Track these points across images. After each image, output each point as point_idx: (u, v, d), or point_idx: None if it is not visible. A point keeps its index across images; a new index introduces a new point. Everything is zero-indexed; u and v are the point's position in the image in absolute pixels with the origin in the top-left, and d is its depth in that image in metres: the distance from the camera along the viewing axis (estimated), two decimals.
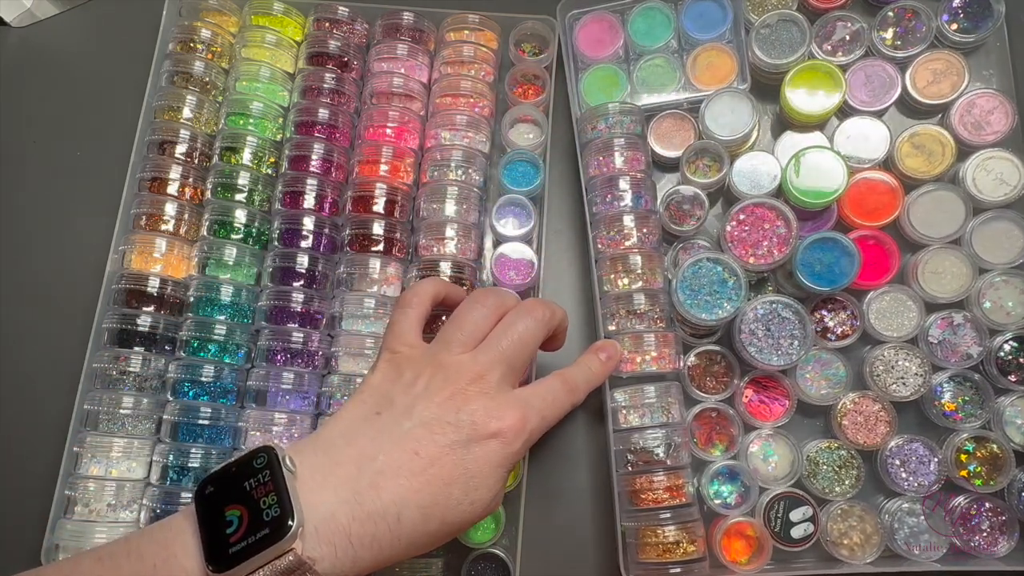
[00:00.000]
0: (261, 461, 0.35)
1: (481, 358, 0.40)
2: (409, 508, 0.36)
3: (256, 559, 0.32)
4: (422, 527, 0.36)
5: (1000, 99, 0.55)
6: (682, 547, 0.50)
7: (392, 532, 0.35)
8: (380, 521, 0.35)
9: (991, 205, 0.53)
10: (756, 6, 0.59)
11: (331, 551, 0.34)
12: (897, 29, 0.57)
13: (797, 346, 0.51)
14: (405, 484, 0.36)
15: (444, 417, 0.38)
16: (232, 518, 0.33)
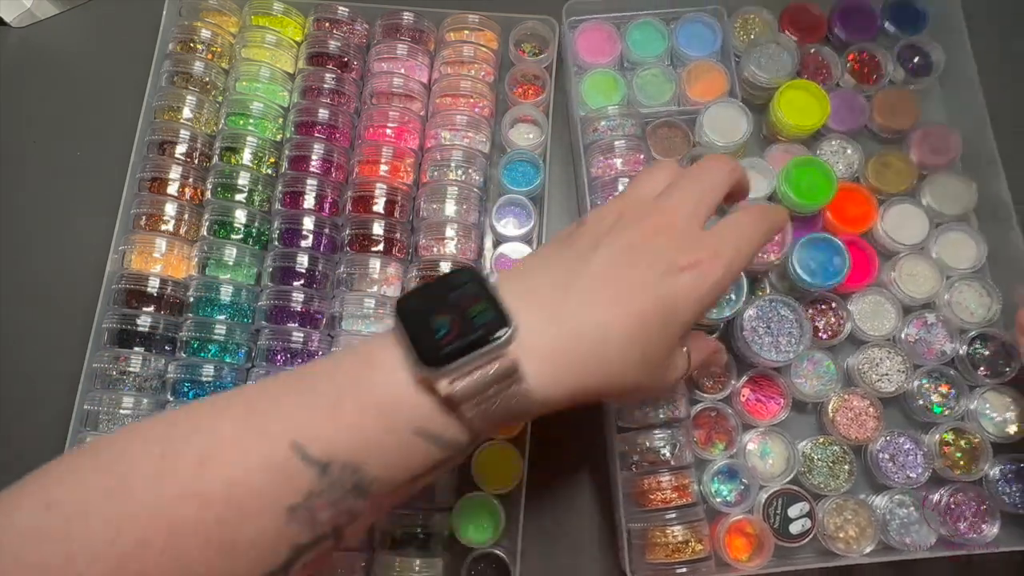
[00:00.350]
0: (463, 277, 0.34)
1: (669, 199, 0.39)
2: (612, 331, 0.34)
3: (471, 359, 0.31)
4: (625, 353, 0.34)
5: (947, 129, 0.61)
6: (691, 546, 0.50)
7: (595, 354, 0.34)
8: (584, 340, 0.34)
9: (948, 218, 0.59)
10: (740, 29, 0.63)
11: (536, 367, 0.33)
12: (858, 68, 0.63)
13: (795, 343, 0.52)
14: (604, 310, 0.34)
15: (639, 247, 0.36)
16: (440, 325, 0.32)
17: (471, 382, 0.31)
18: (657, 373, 0.37)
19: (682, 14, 0.63)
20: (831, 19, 0.64)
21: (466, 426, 0.32)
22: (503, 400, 0.32)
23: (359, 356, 0.34)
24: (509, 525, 0.51)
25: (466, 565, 0.51)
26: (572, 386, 0.34)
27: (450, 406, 0.32)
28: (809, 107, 0.59)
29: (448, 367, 0.31)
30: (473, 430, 0.33)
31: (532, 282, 0.36)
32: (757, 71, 0.60)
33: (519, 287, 0.35)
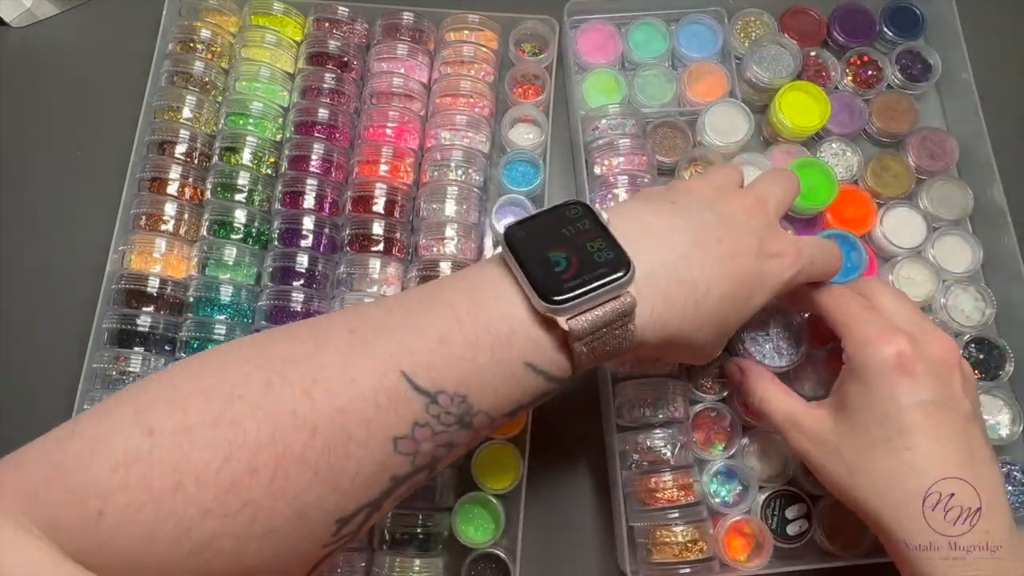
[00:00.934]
0: (575, 212, 0.35)
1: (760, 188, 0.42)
2: (715, 287, 0.35)
3: (594, 296, 0.31)
4: (716, 312, 0.36)
5: (945, 135, 0.62)
6: (697, 545, 0.50)
7: (698, 304, 0.35)
8: (692, 289, 0.35)
9: (945, 223, 0.59)
10: (741, 31, 0.64)
11: (647, 307, 0.33)
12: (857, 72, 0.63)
13: (794, 344, 0.51)
14: (711, 266, 0.35)
15: (740, 220, 0.38)
16: (558, 259, 0.32)
17: (591, 319, 0.31)
18: (720, 342, 0.40)
19: (683, 15, 0.63)
20: (830, 23, 0.64)
21: (574, 361, 0.33)
22: (612, 339, 0.32)
23: (468, 285, 0.34)
24: (509, 525, 0.52)
25: (466, 565, 0.51)
26: (672, 331, 0.35)
27: (565, 341, 0.32)
28: (810, 109, 0.59)
29: (570, 303, 0.31)
30: (579, 365, 0.33)
31: (642, 222, 0.36)
32: (759, 71, 0.60)
33: (632, 227, 0.35)
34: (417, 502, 0.51)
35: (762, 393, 0.46)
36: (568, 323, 0.31)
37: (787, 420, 0.43)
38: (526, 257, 0.32)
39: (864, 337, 0.40)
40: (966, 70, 0.61)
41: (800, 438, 0.43)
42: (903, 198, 0.60)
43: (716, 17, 0.63)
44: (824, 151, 0.60)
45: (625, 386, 0.53)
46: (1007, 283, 0.57)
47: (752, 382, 0.47)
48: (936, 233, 0.59)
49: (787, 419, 0.44)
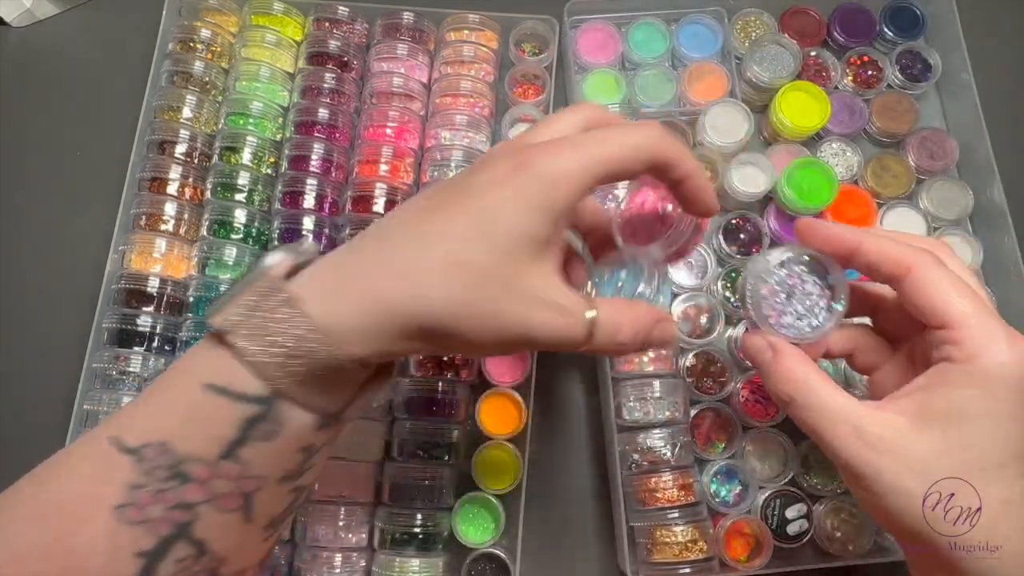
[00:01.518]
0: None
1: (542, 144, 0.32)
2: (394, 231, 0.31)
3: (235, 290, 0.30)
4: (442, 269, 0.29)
5: (944, 135, 0.61)
6: (698, 545, 0.50)
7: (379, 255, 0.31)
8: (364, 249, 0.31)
9: (945, 223, 0.59)
10: (741, 31, 0.64)
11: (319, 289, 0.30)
12: (857, 72, 0.63)
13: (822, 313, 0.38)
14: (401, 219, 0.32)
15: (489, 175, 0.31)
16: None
17: (235, 308, 0.29)
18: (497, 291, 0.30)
19: (683, 15, 0.63)
20: (830, 23, 0.64)
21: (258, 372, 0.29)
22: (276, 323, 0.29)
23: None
24: (509, 525, 0.52)
25: (466, 565, 0.51)
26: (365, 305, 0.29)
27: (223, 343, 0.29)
28: (810, 108, 0.59)
29: (216, 304, 0.30)
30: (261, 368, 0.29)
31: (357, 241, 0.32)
32: (759, 71, 0.60)
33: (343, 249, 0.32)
34: (417, 502, 0.51)
35: (802, 381, 0.35)
36: (216, 320, 0.29)
37: (842, 421, 0.33)
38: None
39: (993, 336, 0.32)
40: (966, 70, 0.61)
41: (861, 447, 0.32)
42: (903, 198, 0.60)
43: (716, 17, 0.63)
44: (824, 151, 0.60)
45: (625, 386, 0.53)
46: (1007, 283, 0.57)
47: (788, 366, 0.35)
48: (936, 233, 0.59)
49: (842, 419, 0.33)
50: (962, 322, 0.32)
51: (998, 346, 0.32)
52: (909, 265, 0.34)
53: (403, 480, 0.51)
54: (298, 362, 0.29)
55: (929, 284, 0.33)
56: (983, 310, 0.33)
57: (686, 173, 0.33)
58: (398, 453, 0.52)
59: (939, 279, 0.33)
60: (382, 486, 0.51)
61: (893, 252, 0.34)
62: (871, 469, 0.32)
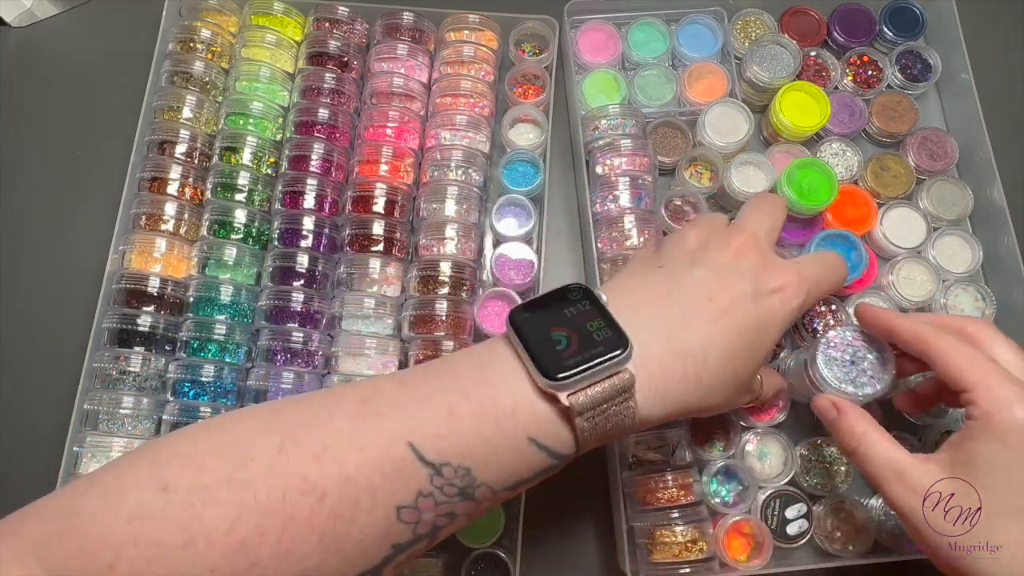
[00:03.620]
0: (576, 294, 0.36)
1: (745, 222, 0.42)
2: (713, 349, 0.36)
3: (594, 372, 0.32)
4: (721, 372, 0.36)
5: (944, 135, 0.62)
6: (698, 545, 0.50)
7: (698, 372, 0.35)
8: (689, 358, 0.35)
9: (945, 223, 0.60)
10: (741, 31, 0.64)
11: (646, 383, 0.34)
12: (857, 72, 0.63)
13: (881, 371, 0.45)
14: (706, 327, 0.36)
15: (730, 267, 0.38)
16: (560, 337, 0.33)
17: (591, 395, 0.32)
18: (740, 393, 0.39)
19: (683, 15, 0.63)
20: (830, 23, 0.64)
21: (577, 438, 0.33)
22: (613, 415, 0.33)
23: (475, 362, 0.35)
24: (509, 525, 0.52)
25: (466, 565, 0.51)
26: (677, 402, 0.35)
27: (567, 417, 0.33)
28: (810, 108, 0.59)
29: (570, 380, 0.32)
30: (582, 442, 0.34)
31: (636, 299, 0.37)
32: (759, 71, 0.60)
33: (626, 304, 0.37)
34: None
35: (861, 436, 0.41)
36: (568, 399, 0.32)
37: (890, 469, 0.39)
38: (529, 336, 0.34)
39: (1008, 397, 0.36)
40: (966, 70, 0.61)
41: (905, 491, 0.38)
42: (903, 198, 0.60)
43: (716, 17, 0.63)
44: (824, 151, 0.60)
45: None
46: (1007, 283, 0.57)
47: (850, 423, 0.42)
48: (936, 233, 0.59)
49: (890, 468, 0.39)
50: (978, 384, 0.37)
51: (1011, 403, 0.36)
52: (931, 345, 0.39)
53: None
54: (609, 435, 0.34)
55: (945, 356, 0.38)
56: (1000, 374, 0.37)
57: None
58: None
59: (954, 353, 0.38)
60: None
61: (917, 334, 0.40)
62: (909, 510, 0.37)
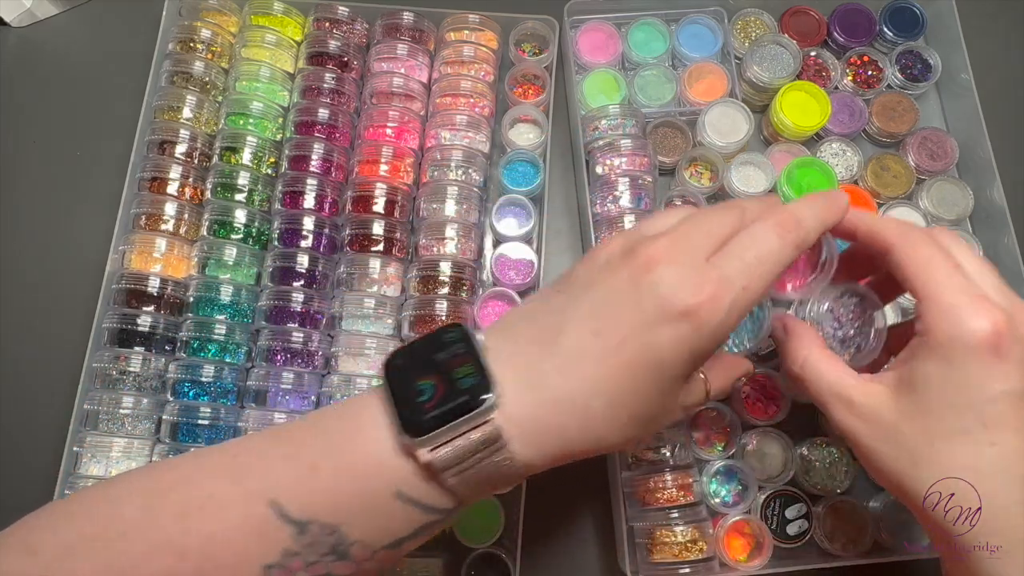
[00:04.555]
0: (452, 335, 0.33)
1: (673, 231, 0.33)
2: (597, 398, 0.31)
3: (454, 426, 0.30)
4: (611, 420, 0.32)
5: (944, 135, 0.61)
6: (698, 545, 0.50)
7: (579, 423, 0.32)
8: (564, 408, 0.31)
9: (945, 223, 0.60)
10: (741, 31, 0.64)
11: (518, 434, 0.31)
12: (857, 72, 0.63)
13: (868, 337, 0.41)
14: (589, 372, 0.31)
15: (628, 288, 0.32)
16: (424, 387, 0.31)
17: (452, 450, 0.30)
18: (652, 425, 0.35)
19: (683, 15, 0.63)
20: (830, 23, 0.64)
21: (449, 492, 0.32)
22: (486, 467, 0.31)
23: (343, 414, 0.33)
24: (509, 525, 0.52)
25: (466, 565, 0.51)
26: (556, 452, 0.32)
27: (431, 474, 0.31)
28: (810, 108, 0.59)
29: (429, 435, 0.30)
30: (457, 496, 0.32)
31: (516, 338, 0.34)
32: (759, 71, 0.60)
33: (505, 344, 0.33)
34: None
35: (805, 358, 0.38)
36: (428, 455, 0.30)
37: (834, 393, 0.36)
38: (396, 386, 0.32)
39: (953, 305, 0.33)
40: (966, 70, 0.61)
41: (848, 415, 0.36)
42: (903, 198, 0.60)
43: (716, 17, 0.63)
44: (824, 151, 0.61)
45: None
46: (1007, 283, 0.57)
47: (795, 344, 0.39)
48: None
49: (834, 392, 0.36)
50: (927, 295, 0.34)
51: (957, 318, 0.33)
52: (892, 242, 0.36)
53: None
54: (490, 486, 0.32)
55: (905, 259, 0.35)
56: (951, 281, 0.33)
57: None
58: None
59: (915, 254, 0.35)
60: None
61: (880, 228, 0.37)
62: (854, 434, 0.36)
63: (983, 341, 0.32)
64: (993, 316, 0.32)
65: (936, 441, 0.33)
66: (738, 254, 0.32)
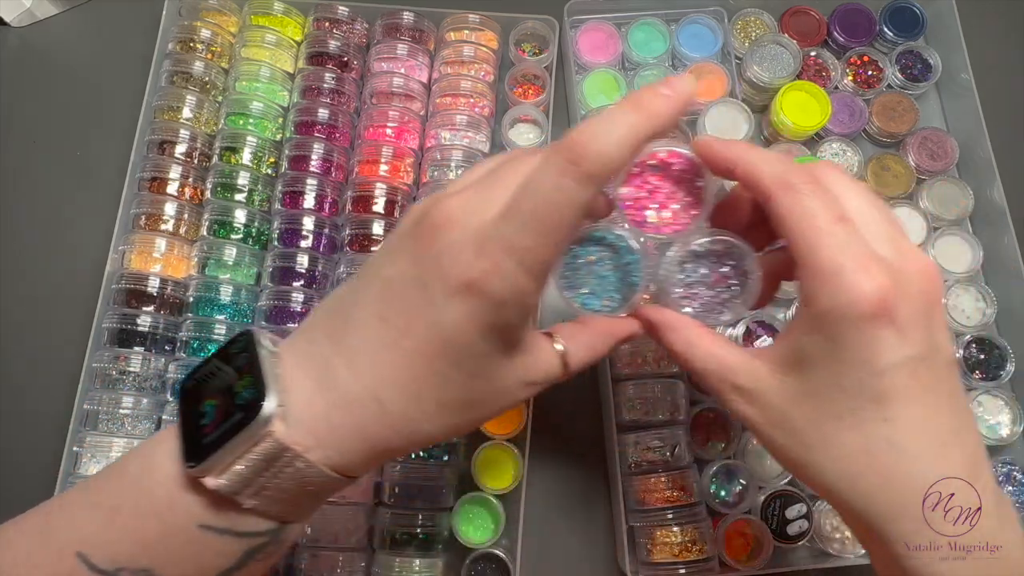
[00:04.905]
0: (238, 346, 0.30)
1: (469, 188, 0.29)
2: (390, 390, 0.29)
3: (230, 446, 0.27)
4: (416, 413, 0.29)
5: (944, 135, 0.61)
6: (697, 546, 0.50)
7: (378, 421, 0.29)
8: (357, 408, 0.29)
9: (945, 223, 0.60)
10: (741, 31, 0.64)
11: (316, 440, 0.28)
12: (857, 72, 0.63)
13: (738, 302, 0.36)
14: (378, 362, 0.29)
15: (415, 263, 0.29)
16: (207, 408, 0.29)
17: (236, 473, 0.28)
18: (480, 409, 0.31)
19: (683, 15, 0.63)
20: (830, 23, 0.64)
21: (258, 514, 0.29)
22: (286, 482, 0.28)
23: (142, 451, 0.31)
24: (509, 525, 0.52)
25: (466, 565, 0.51)
26: (365, 453, 0.29)
27: (225, 500, 0.28)
28: (810, 108, 0.59)
29: (209, 460, 0.27)
30: (271, 515, 0.29)
31: (313, 336, 0.31)
32: (759, 71, 0.60)
33: (302, 345, 0.31)
34: (417, 502, 0.51)
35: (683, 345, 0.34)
36: (213, 482, 0.28)
37: (720, 378, 0.33)
38: (184, 412, 0.30)
39: (833, 269, 0.28)
40: (966, 70, 0.61)
41: (738, 400, 0.32)
42: (903, 198, 0.60)
43: (716, 17, 0.63)
44: (824, 151, 0.61)
45: (625, 386, 0.53)
46: (1007, 283, 0.57)
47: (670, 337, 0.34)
48: (936, 233, 0.59)
49: (720, 377, 0.33)
50: (806, 258, 0.29)
51: (837, 286, 0.28)
52: (770, 193, 0.31)
53: (403, 480, 0.51)
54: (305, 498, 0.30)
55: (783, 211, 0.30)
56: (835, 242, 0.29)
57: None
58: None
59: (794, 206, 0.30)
60: (382, 486, 0.51)
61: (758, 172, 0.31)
62: (747, 421, 0.32)
63: (868, 310, 0.28)
64: (877, 278, 0.28)
65: (825, 425, 0.30)
66: (516, 207, 0.27)
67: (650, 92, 0.29)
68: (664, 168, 0.35)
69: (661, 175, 0.35)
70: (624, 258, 0.35)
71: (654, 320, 0.35)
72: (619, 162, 0.28)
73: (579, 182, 0.27)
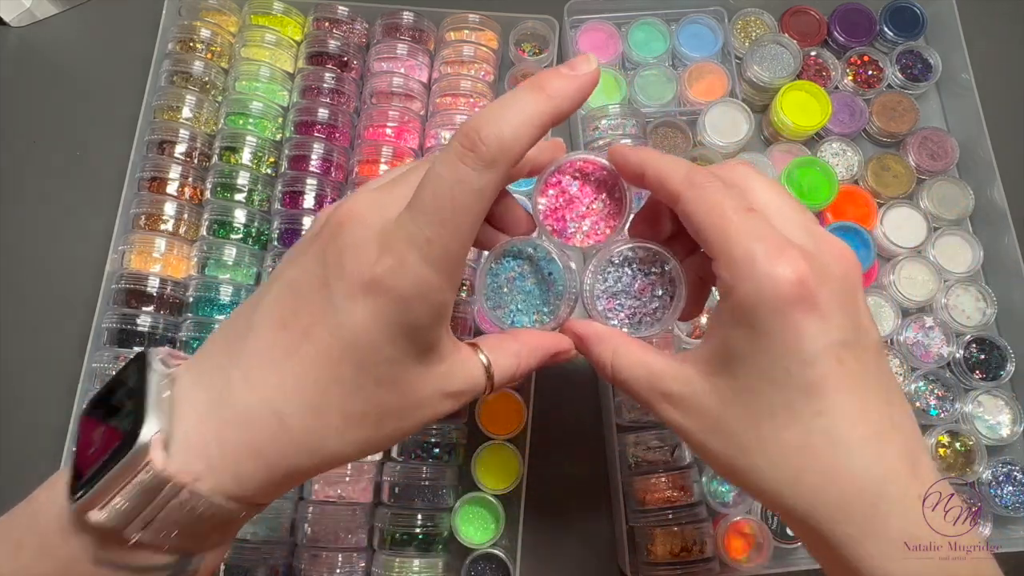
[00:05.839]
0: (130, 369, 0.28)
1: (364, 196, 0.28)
2: (290, 403, 0.27)
3: (109, 478, 0.25)
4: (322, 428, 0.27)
5: (944, 135, 0.62)
6: (697, 546, 0.50)
7: (274, 437, 0.27)
8: (256, 425, 0.26)
9: (946, 223, 0.60)
10: (741, 31, 0.64)
11: (207, 466, 0.26)
12: (858, 71, 0.63)
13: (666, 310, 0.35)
14: (279, 371, 0.27)
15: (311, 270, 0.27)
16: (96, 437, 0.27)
17: (115, 507, 0.25)
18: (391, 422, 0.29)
19: (683, 15, 0.63)
20: (830, 23, 0.64)
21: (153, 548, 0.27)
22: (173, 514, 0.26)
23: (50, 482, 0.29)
24: (509, 525, 0.52)
25: (466, 565, 0.51)
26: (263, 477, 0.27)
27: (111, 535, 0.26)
28: (811, 108, 0.59)
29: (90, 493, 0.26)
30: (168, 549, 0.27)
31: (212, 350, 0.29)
32: (759, 71, 0.60)
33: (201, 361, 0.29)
34: (417, 502, 0.51)
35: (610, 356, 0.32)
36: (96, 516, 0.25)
37: (650, 387, 0.31)
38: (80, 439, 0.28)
39: (747, 256, 0.27)
40: (966, 70, 0.61)
41: (670, 409, 0.31)
42: (904, 198, 0.60)
43: (716, 17, 0.63)
44: (824, 151, 0.61)
45: None
46: (1007, 283, 0.57)
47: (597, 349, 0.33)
48: (936, 233, 0.59)
49: (649, 385, 0.31)
50: (719, 249, 0.28)
51: (753, 271, 0.27)
52: (677, 192, 0.30)
53: (403, 480, 0.51)
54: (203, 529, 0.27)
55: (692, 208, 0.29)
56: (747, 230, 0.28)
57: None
58: (398, 454, 0.52)
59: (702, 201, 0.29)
60: (382, 486, 0.51)
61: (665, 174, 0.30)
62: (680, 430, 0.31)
63: (787, 294, 0.27)
64: (794, 261, 0.27)
65: (760, 425, 0.28)
66: (417, 199, 0.27)
67: (550, 73, 0.28)
68: (583, 177, 0.35)
69: (580, 184, 0.35)
70: (545, 269, 0.35)
71: (580, 333, 0.34)
72: (518, 145, 0.27)
73: (476, 168, 0.26)
